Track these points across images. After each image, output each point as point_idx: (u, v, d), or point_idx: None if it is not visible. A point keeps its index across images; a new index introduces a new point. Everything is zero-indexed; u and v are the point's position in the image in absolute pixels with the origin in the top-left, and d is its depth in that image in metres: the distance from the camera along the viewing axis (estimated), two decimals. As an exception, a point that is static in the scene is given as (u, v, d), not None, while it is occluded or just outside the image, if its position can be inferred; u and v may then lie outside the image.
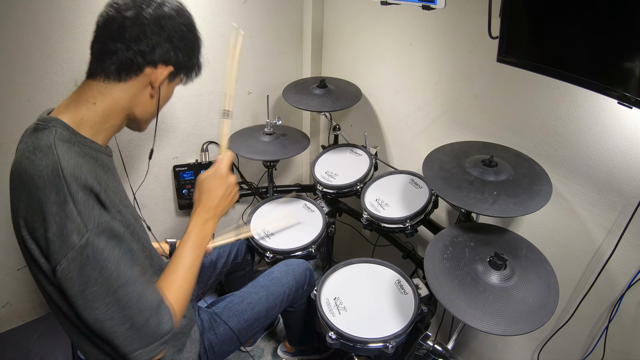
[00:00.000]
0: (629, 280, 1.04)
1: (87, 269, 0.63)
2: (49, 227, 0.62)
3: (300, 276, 1.26)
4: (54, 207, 0.62)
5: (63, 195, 0.62)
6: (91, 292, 0.64)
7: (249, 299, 1.15)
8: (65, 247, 0.62)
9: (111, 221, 0.67)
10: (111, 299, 0.66)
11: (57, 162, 0.63)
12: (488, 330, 0.82)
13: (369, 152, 1.53)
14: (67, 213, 0.62)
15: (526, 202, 0.95)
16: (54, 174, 0.62)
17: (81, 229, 0.62)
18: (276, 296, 1.19)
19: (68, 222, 0.62)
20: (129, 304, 0.67)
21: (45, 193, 0.62)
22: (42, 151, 0.64)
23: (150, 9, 0.72)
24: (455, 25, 1.25)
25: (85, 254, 0.63)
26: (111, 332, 0.67)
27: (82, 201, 0.63)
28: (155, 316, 0.70)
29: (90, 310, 0.65)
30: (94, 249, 0.63)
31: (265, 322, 1.18)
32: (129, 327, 0.68)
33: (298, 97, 1.55)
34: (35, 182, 0.62)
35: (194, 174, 1.65)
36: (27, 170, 0.64)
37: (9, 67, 1.18)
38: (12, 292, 1.47)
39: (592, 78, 0.78)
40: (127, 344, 0.68)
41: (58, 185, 0.62)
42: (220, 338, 1.06)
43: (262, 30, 1.68)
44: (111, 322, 0.66)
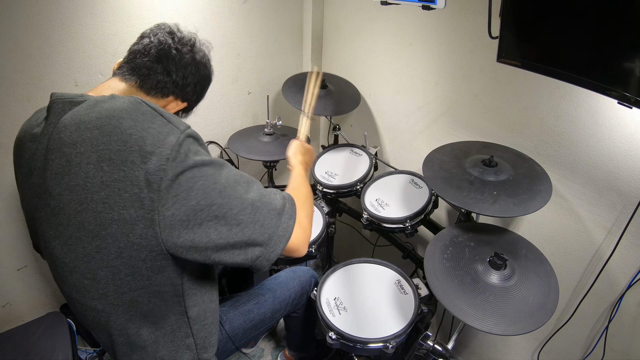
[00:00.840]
0: (629, 280, 1.04)
1: (188, 162, 0.63)
2: (144, 142, 0.61)
3: (305, 282, 1.27)
4: (144, 124, 0.63)
5: (150, 112, 0.65)
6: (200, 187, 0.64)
7: (256, 299, 1.16)
8: (164, 151, 0.61)
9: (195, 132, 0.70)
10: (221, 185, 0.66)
11: (132, 97, 0.67)
12: (488, 330, 0.82)
13: (369, 152, 1.53)
14: (157, 123, 0.64)
15: (526, 202, 0.95)
16: (135, 101, 0.66)
17: (175, 130, 0.64)
18: (282, 299, 1.21)
19: (161, 128, 0.64)
20: (236, 179, 0.69)
21: (133, 118, 0.63)
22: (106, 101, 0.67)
23: (198, 55, 0.85)
24: (455, 25, 1.25)
25: (183, 150, 0.63)
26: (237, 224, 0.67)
27: (168, 114, 0.67)
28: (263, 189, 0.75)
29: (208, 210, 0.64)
30: (189, 145, 0.65)
31: (269, 324, 1.19)
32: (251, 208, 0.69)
33: (298, 97, 1.55)
34: (117, 116, 0.63)
35: (194, 173, 1.65)
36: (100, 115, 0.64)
37: (9, 67, 1.18)
38: (12, 292, 1.47)
39: (592, 78, 0.78)
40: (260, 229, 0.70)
41: (142, 108, 0.65)
42: (225, 335, 1.06)
43: (262, 30, 1.68)
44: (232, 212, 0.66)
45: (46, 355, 1.18)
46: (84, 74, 1.30)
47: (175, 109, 0.87)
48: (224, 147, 1.77)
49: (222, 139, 1.75)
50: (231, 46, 1.60)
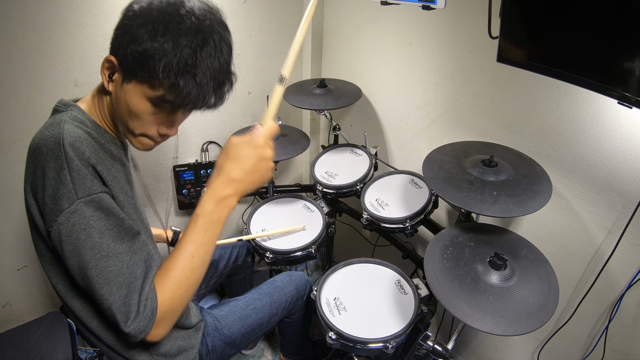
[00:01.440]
0: (629, 280, 1.04)
1: (73, 237, 0.66)
2: (45, 190, 0.66)
3: (301, 287, 1.28)
4: (51, 172, 0.66)
5: (60, 162, 0.66)
6: (76, 262, 0.68)
7: (253, 304, 1.17)
8: (55, 210, 0.66)
9: (102, 193, 0.69)
10: (94, 272, 0.67)
11: (61, 133, 0.68)
12: (488, 330, 0.82)
13: (369, 152, 1.53)
14: (61, 178, 0.65)
15: (526, 202, 0.95)
16: (56, 142, 0.67)
17: (71, 195, 0.66)
18: (278, 304, 1.21)
19: (61, 186, 0.65)
20: (108, 278, 0.68)
21: (47, 159, 0.66)
22: (52, 126, 0.70)
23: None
24: (455, 25, 1.25)
25: (72, 220, 0.66)
26: (99, 302, 0.69)
27: (77, 169, 0.66)
28: (136, 295, 0.68)
29: (80, 278, 0.69)
30: (81, 216, 0.66)
31: (266, 328, 1.20)
32: (111, 304, 0.68)
33: (298, 97, 1.55)
34: (40, 150, 0.67)
35: (194, 174, 1.65)
36: (36, 141, 0.69)
37: (9, 67, 1.18)
38: (12, 292, 1.47)
39: (592, 78, 0.78)
40: (112, 319, 0.69)
41: (57, 152, 0.66)
42: (224, 340, 1.07)
43: (262, 30, 1.68)
44: (98, 292, 0.68)
45: (46, 355, 1.18)
46: (84, 74, 1.30)
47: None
48: (224, 147, 1.76)
49: (222, 139, 1.75)
50: (231, 46, 1.60)
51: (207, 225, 0.73)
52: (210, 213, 0.73)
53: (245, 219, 1.43)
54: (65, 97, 0.79)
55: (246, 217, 1.44)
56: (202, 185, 1.66)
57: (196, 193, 1.66)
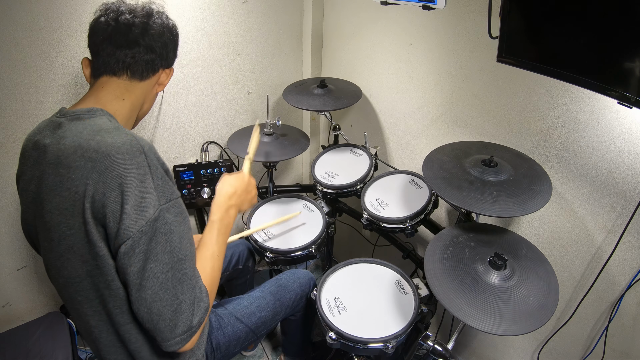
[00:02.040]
0: (629, 280, 1.04)
1: (153, 243, 0.65)
2: (127, 200, 0.63)
3: (305, 285, 1.28)
4: (134, 181, 0.64)
5: (144, 170, 0.65)
6: (150, 269, 0.65)
7: (257, 302, 1.17)
8: (140, 220, 0.64)
9: (179, 198, 0.72)
10: (167, 276, 0.67)
11: (135, 139, 0.67)
12: (488, 330, 0.82)
13: (369, 152, 1.53)
14: (146, 186, 0.65)
15: (526, 202, 0.95)
16: (134, 149, 0.65)
17: (156, 202, 0.66)
18: (282, 302, 1.21)
19: (147, 194, 0.65)
20: (182, 279, 0.69)
21: (126, 167, 0.63)
22: (110, 132, 0.67)
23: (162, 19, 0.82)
24: (455, 25, 1.25)
25: (156, 226, 0.65)
26: (158, 314, 0.67)
27: (160, 176, 0.67)
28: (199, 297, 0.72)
29: (143, 290, 0.66)
30: (165, 221, 0.66)
31: (270, 327, 1.20)
32: (175, 309, 0.68)
33: (298, 97, 1.55)
34: (113, 158, 0.64)
35: (194, 174, 1.65)
36: (98, 148, 0.64)
37: (9, 67, 1.18)
38: (12, 292, 1.47)
39: (592, 78, 0.78)
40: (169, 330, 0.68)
41: (139, 160, 0.65)
42: (228, 338, 1.07)
43: (262, 30, 1.68)
44: (160, 304, 0.67)
45: (46, 355, 1.18)
46: (85, 74, 1.30)
47: (167, 79, 0.87)
48: (224, 147, 1.77)
49: (222, 139, 1.75)
50: (231, 46, 1.60)
51: (222, 228, 0.88)
52: (222, 219, 0.89)
53: (245, 219, 1.43)
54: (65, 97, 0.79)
55: (246, 217, 1.44)
56: (202, 185, 1.66)
57: (196, 193, 1.65)
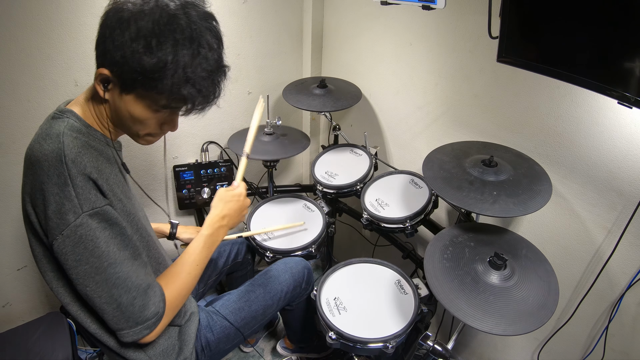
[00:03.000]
0: (629, 280, 1.04)
1: (80, 247, 0.70)
2: (48, 205, 0.68)
3: (298, 274, 1.25)
4: (55, 188, 0.68)
5: (63, 178, 0.68)
6: (83, 270, 0.71)
7: (246, 297, 1.15)
8: (61, 224, 0.68)
9: (105, 206, 0.73)
10: (100, 278, 0.72)
11: (62, 149, 0.69)
12: (488, 330, 0.82)
13: (369, 152, 1.53)
14: (65, 194, 0.68)
15: (526, 202, 0.95)
16: (57, 159, 0.68)
17: (77, 209, 0.68)
18: (274, 294, 1.19)
19: (66, 202, 0.68)
20: (116, 283, 0.73)
21: (49, 175, 0.68)
22: (51, 138, 0.70)
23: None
24: (455, 25, 1.25)
25: (79, 232, 0.69)
26: (100, 308, 0.74)
27: (80, 185, 0.69)
28: (140, 298, 0.76)
29: (83, 286, 0.72)
30: (87, 228, 0.69)
31: (263, 321, 1.18)
32: (115, 307, 0.74)
33: (298, 97, 1.55)
34: (40, 165, 0.68)
35: (194, 174, 1.65)
36: (36, 153, 0.70)
37: (9, 67, 1.18)
38: (12, 292, 1.47)
39: (592, 78, 0.78)
40: (114, 323, 0.75)
41: (60, 169, 0.68)
42: (217, 336, 1.06)
43: (262, 30, 1.68)
44: (100, 299, 0.73)
45: (46, 355, 1.18)
46: (84, 74, 1.30)
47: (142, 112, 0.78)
48: (224, 147, 1.77)
49: (222, 139, 1.75)
50: (231, 46, 1.60)
51: (209, 242, 0.93)
52: (211, 235, 0.93)
53: (245, 219, 1.43)
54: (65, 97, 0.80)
55: (247, 216, 1.44)
56: (202, 185, 1.66)
57: (196, 193, 1.65)
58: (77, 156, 0.70)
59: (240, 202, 0.99)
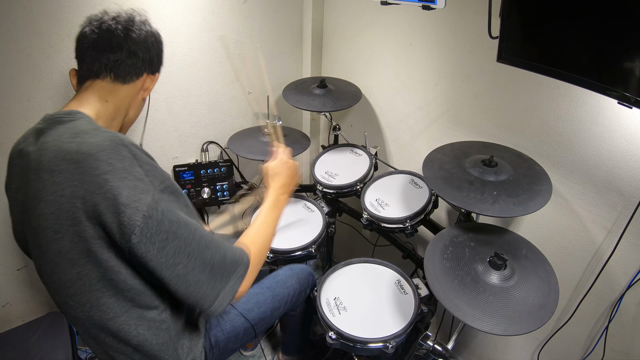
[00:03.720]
0: (629, 280, 1.04)
1: (165, 224, 0.66)
2: (119, 194, 0.63)
3: (304, 280, 1.27)
4: (122, 173, 0.65)
5: (129, 160, 0.66)
6: (172, 247, 0.67)
7: (256, 299, 1.16)
8: (140, 207, 0.64)
9: (169, 179, 0.72)
10: (191, 248, 0.70)
11: (114, 134, 0.69)
12: (488, 330, 0.82)
13: (369, 152, 1.53)
14: (135, 175, 0.66)
15: (526, 202, 0.95)
16: (115, 143, 0.67)
17: (149, 187, 0.66)
18: (281, 297, 1.21)
19: (138, 182, 0.65)
20: (207, 244, 0.72)
21: (110, 163, 0.65)
22: (89, 132, 0.69)
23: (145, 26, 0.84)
24: (455, 25, 1.25)
25: (160, 208, 0.66)
26: (195, 283, 0.71)
27: (146, 162, 0.69)
28: (230, 250, 0.78)
29: (173, 268, 0.68)
30: (165, 202, 0.68)
31: (269, 323, 1.20)
32: (210, 270, 0.73)
33: (298, 97, 1.55)
34: (95, 156, 0.65)
35: (194, 174, 1.65)
36: (79, 150, 0.66)
37: (9, 67, 1.18)
38: (12, 292, 1.47)
39: (592, 78, 0.78)
40: (211, 289, 0.73)
41: (121, 153, 0.66)
42: (226, 335, 1.07)
43: (262, 30, 1.68)
44: (193, 272, 0.70)
45: (46, 355, 1.18)
46: (84, 74, 1.30)
47: (152, 85, 0.89)
48: (224, 147, 1.77)
49: (222, 139, 1.75)
50: (231, 46, 1.60)
51: (273, 208, 0.99)
52: (276, 200, 1.00)
53: (245, 219, 1.43)
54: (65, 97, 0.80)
55: (246, 217, 1.44)
56: (202, 185, 1.66)
57: (196, 193, 1.65)
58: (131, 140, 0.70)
59: (290, 168, 1.06)
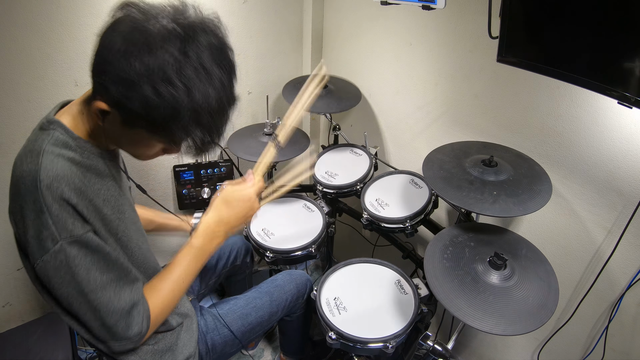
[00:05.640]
0: (629, 280, 1.04)
1: (61, 272, 0.68)
2: (27, 230, 0.66)
3: (301, 286, 1.28)
4: (32, 214, 0.65)
5: (39, 205, 0.64)
6: (65, 292, 0.69)
7: (253, 303, 1.17)
8: (40, 250, 0.66)
9: (86, 233, 0.69)
10: (83, 300, 0.70)
11: (38, 172, 0.64)
12: (488, 330, 0.82)
13: (369, 152, 1.53)
14: (42, 221, 0.65)
15: (526, 202, 0.95)
16: (33, 184, 0.65)
17: (55, 236, 0.66)
18: (279, 302, 1.21)
19: (43, 229, 0.65)
20: (97, 307, 0.71)
21: (25, 200, 0.65)
22: (32, 156, 0.67)
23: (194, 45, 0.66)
24: (455, 25, 1.25)
25: (59, 258, 0.67)
26: (87, 324, 0.73)
27: (56, 213, 0.65)
28: (123, 319, 0.74)
29: (67, 305, 0.71)
30: (66, 255, 0.67)
31: (266, 327, 1.20)
32: (100, 325, 0.73)
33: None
34: (18, 187, 0.66)
35: (194, 174, 1.65)
36: (17, 172, 0.68)
37: (9, 67, 1.18)
38: (12, 292, 1.47)
39: (592, 78, 0.78)
40: (101, 336, 0.74)
41: (35, 195, 0.64)
42: (223, 339, 1.07)
43: (262, 30, 1.68)
44: (85, 316, 0.72)
45: (46, 355, 1.18)
46: (84, 74, 1.30)
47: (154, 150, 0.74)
48: (224, 147, 1.77)
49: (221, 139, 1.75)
50: (231, 46, 1.60)
51: (198, 255, 0.84)
52: (202, 246, 0.84)
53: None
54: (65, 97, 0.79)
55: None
56: (202, 185, 1.66)
57: (196, 193, 1.65)
58: (54, 181, 0.64)
59: (246, 208, 0.86)
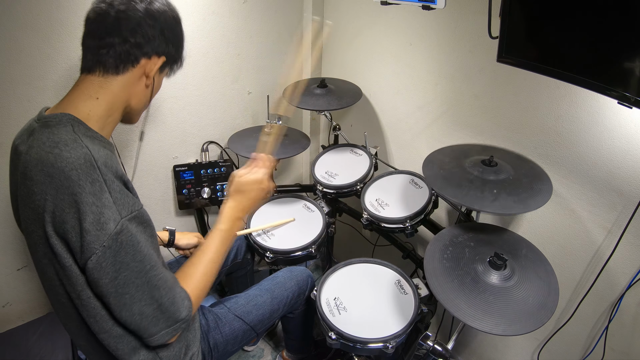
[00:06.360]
0: (629, 280, 1.04)
1: (121, 254, 0.66)
2: (85, 218, 0.62)
3: (302, 282, 1.28)
4: (90, 197, 0.63)
5: (99, 185, 0.64)
6: (123, 277, 0.67)
7: (254, 301, 1.17)
8: (101, 236, 0.63)
9: (141, 208, 0.70)
10: (141, 281, 0.69)
11: (89, 153, 0.65)
12: (488, 330, 0.82)
13: (369, 152, 1.53)
14: (103, 202, 0.64)
15: (526, 200, 0.95)
16: (88, 164, 0.64)
17: (116, 216, 0.65)
18: (280, 300, 1.21)
19: (105, 210, 0.63)
20: (158, 284, 0.71)
21: (80, 184, 0.62)
22: (68, 144, 0.65)
23: (143, 3, 0.74)
24: (455, 25, 1.25)
25: (120, 239, 0.65)
26: (139, 314, 0.70)
27: (118, 190, 0.66)
28: (179, 296, 0.75)
29: (121, 297, 0.68)
30: (128, 233, 0.66)
31: (267, 325, 1.21)
32: (156, 308, 0.71)
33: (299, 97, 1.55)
34: (67, 175, 0.63)
35: (194, 174, 1.65)
36: (54, 163, 0.63)
37: (9, 67, 1.18)
38: (12, 292, 1.47)
39: (592, 78, 0.78)
40: (154, 325, 0.72)
41: (93, 175, 0.63)
42: (225, 337, 1.07)
43: (262, 30, 1.68)
44: (140, 304, 0.70)
45: (46, 355, 1.18)
46: (82, 73, 1.30)
47: (156, 68, 0.79)
48: (224, 147, 1.77)
49: (222, 139, 1.75)
50: (231, 46, 1.60)
51: (225, 237, 0.89)
52: (228, 230, 0.90)
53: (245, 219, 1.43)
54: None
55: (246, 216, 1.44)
56: (202, 185, 1.66)
57: (196, 193, 1.65)
58: (107, 159, 0.66)
59: (260, 190, 0.94)
